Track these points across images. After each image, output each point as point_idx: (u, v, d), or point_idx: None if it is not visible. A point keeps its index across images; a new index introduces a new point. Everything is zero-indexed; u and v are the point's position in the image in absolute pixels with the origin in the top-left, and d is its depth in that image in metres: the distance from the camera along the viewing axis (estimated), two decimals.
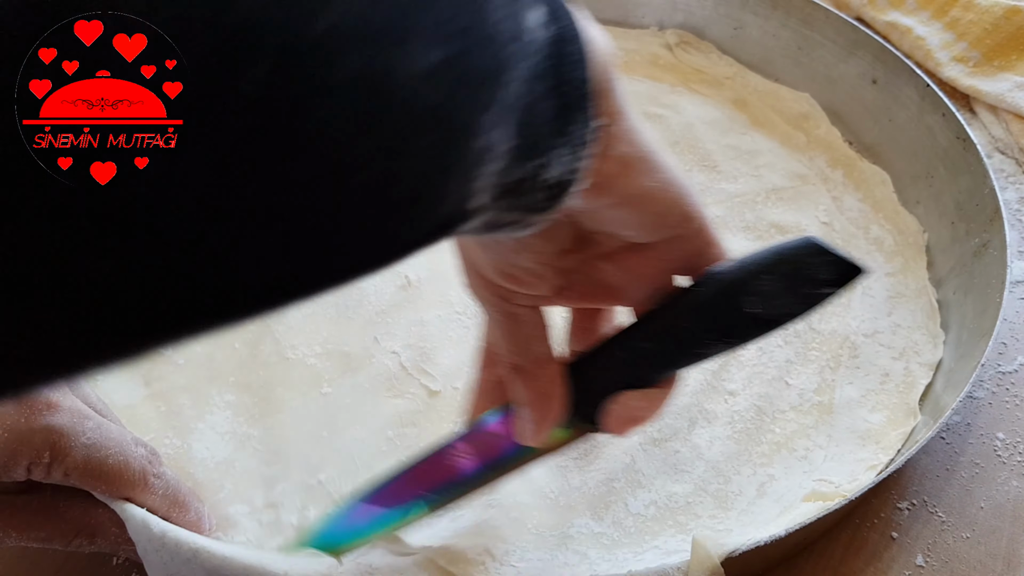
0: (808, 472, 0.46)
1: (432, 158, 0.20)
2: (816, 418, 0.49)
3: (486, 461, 0.37)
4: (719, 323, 0.32)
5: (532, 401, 0.34)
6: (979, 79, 0.70)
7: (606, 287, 0.34)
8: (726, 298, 0.31)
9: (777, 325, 0.31)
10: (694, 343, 0.32)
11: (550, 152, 0.24)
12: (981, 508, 0.46)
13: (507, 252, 0.31)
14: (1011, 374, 0.52)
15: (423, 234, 0.22)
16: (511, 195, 0.24)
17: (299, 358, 0.50)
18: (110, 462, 0.36)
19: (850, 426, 0.48)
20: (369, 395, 0.49)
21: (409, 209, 0.21)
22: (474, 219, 0.24)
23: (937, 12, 0.74)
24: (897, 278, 0.56)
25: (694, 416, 0.48)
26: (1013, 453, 0.48)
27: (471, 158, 0.21)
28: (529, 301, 0.33)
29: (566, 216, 0.29)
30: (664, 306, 0.33)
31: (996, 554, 0.44)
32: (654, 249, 0.32)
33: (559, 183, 0.25)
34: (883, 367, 0.51)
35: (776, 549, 0.39)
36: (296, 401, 0.49)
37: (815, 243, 0.30)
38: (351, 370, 0.50)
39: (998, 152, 0.67)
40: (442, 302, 0.53)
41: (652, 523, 0.44)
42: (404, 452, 0.46)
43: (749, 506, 0.45)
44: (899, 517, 0.46)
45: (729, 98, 0.69)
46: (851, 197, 0.61)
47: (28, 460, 0.34)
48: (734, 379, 0.50)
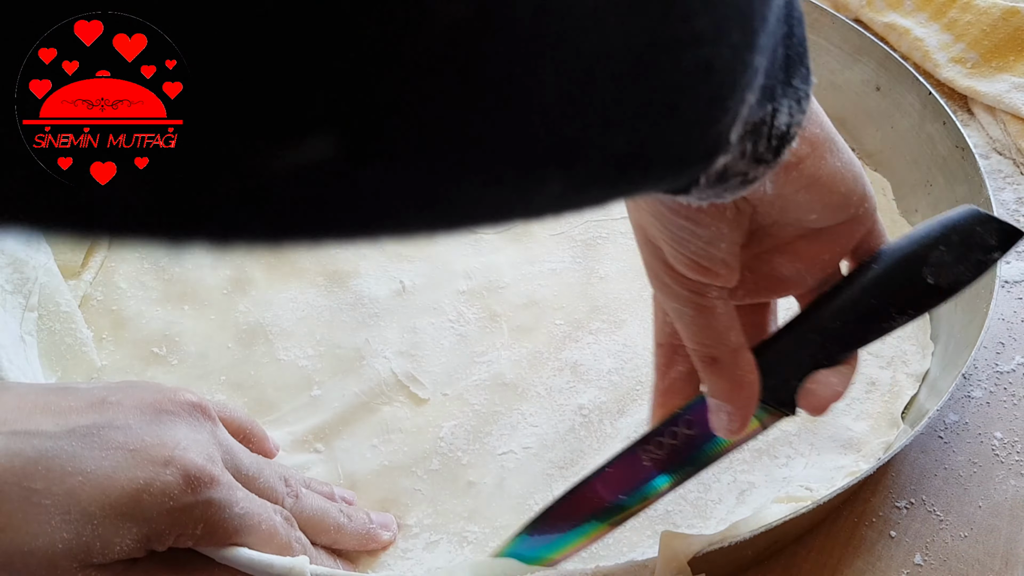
0: (788, 479, 0.46)
1: (731, 59, 0.20)
2: (799, 425, 0.49)
3: (678, 461, 0.37)
4: (903, 296, 0.34)
5: (730, 391, 0.35)
6: (977, 80, 0.70)
7: (777, 279, 0.35)
8: (907, 272, 0.33)
9: (953, 292, 0.33)
10: (879, 318, 0.34)
11: (781, 99, 0.25)
12: (979, 507, 0.46)
13: (702, 243, 0.32)
14: (1008, 373, 0.52)
15: (701, 151, 0.22)
16: (750, 136, 0.25)
17: (291, 359, 0.51)
18: (262, 527, 0.37)
19: (833, 434, 0.48)
20: (358, 400, 0.49)
21: (713, 106, 0.21)
22: (727, 154, 0.24)
23: (935, 13, 0.74)
24: None
25: None
26: (1011, 452, 0.49)
27: (748, 77, 0.22)
28: (721, 293, 0.33)
29: (749, 205, 0.31)
30: (840, 287, 0.35)
31: (994, 552, 0.44)
32: (830, 233, 0.34)
33: (783, 135, 0.26)
34: (870, 376, 0.51)
35: (745, 550, 0.39)
36: (285, 403, 0.49)
37: (979, 212, 0.33)
38: (341, 372, 0.50)
39: (995, 153, 0.67)
40: (435, 309, 0.54)
41: (630, 533, 0.44)
42: (388, 458, 0.47)
43: (728, 515, 0.45)
44: (897, 516, 0.46)
45: None
46: None
47: (181, 531, 0.35)
48: None
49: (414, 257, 0.56)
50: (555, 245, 0.58)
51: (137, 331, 0.52)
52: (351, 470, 0.46)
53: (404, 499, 0.45)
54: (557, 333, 0.53)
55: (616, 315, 0.53)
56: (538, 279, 0.55)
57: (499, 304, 0.54)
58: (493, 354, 0.51)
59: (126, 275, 0.55)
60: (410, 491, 0.45)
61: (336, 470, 0.46)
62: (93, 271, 0.55)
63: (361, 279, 0.55)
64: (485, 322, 0.53)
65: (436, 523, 0.44)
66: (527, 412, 0.49)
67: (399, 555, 0.43)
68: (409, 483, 0.46)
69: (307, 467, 0.46)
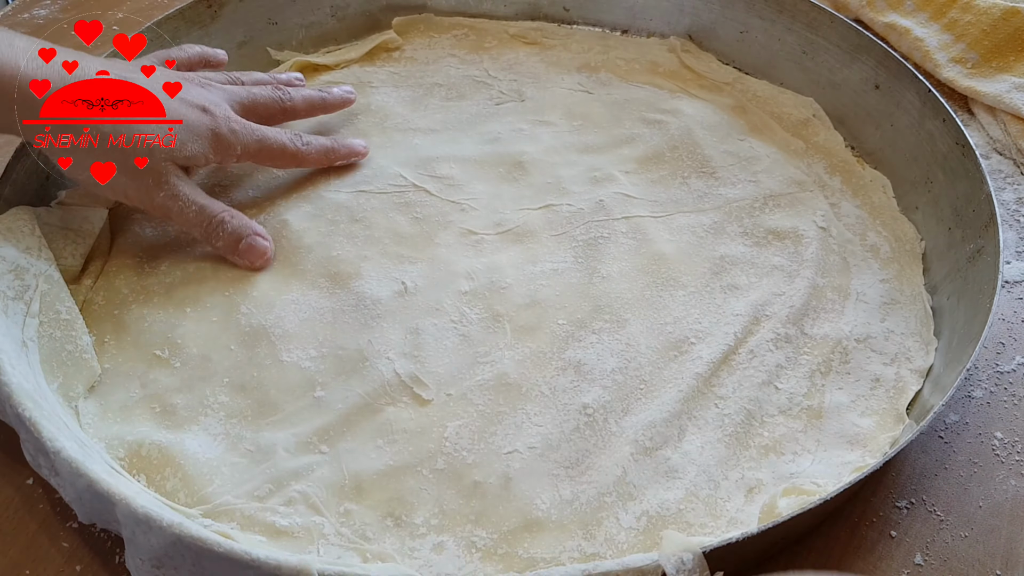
0: (795, 475, 0.46)
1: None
2: (805, 422, 0.49)
3: None
4: None
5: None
6: (977, 80, 0.70)
7: None
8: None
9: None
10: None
11: None
12: (979, 507, 0.46)
13: None
14: (1009, 373, 0.52)
15: None
16: None
17: (294, 361, 0.51)
18: (274, 146, 0.58)
19: (839, 431, 0.48)
20: (362, 401, 0.49)
21: None
22: None
23: (935, 13, 0.74)
24: (892, 284, 0.56)
25: (684, 424, 0.48)
26: (1011, 452, 0.49)
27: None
28: None
29: None
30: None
31: (994, 553, 0.44)
32: None
33: None
34: (874, 372, 0.51)
35: (747, 549, 0.39)
36: (289, 405, 0.49)
37: None
38: (344, 374, 0.50)
39: (996, 153, 0.67)
40: (437, 310, 0.54)
41: (643, 536, 0.44)
42: (393, 458, 0.47)
43: (738, 513, 0.45)
44: (898, 516, 0.46)
45: (729, 104, 0.69)
46: (849, 203, 0.61)
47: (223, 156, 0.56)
48: (724, 384, 0.50)
49: (416, 258, 0.57)
50: (557, 245, 0.58)
51: (139, 334, 0.52)
52: (356, 470, 0.46)
53: (410, 498, 0.45)
54: (560, 333, 0.53)
55: (619, 314, 0.53)
56: (540, 279, 0.55)
57: (501, 304, 0.54)
58: (496, 354, 0.51)
59: (127, 279, 0.55)
60: (416, 490, 0.45)
61: (341, 471, 0.46)
62: (93, 276, 0.55)
63: (363, 280, 0.55)
64: (488, 322, 0.53)
65: (443, 524, 0.44)
66: (531, 412, 0.49)
67: (406, 553, 0.43)
68: (415, 483, 0.46)
69: (311, 468, 0.46)
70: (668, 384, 0.50)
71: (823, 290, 0.55)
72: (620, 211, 0.60)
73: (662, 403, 0.49)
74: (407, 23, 0.76)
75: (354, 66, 0.73)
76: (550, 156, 0.64)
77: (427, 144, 0.65)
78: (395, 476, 0.46)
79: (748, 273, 0.56)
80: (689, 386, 0.50)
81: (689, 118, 0.67)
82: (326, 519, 0.44)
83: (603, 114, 0.68)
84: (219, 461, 0.46)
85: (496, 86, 0.71)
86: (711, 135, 0.65)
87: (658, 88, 0.70)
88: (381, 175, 0.62)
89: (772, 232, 0.59)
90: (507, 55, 0.74)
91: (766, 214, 0.60)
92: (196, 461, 0.46)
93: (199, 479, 0.45)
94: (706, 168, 0.63)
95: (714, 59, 0.73)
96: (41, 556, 0.44)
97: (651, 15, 0.75)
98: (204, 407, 0.49)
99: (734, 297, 0.55)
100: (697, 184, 0.62)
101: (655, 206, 0.60)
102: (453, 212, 0.60)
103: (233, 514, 0.44)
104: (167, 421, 0.48)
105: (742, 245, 0.58)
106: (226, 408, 0.49)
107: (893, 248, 0.58)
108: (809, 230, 0.59)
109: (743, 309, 0.54)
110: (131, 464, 0.46)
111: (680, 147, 0.64)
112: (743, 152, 0.64)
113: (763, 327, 0.53)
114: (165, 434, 0.47)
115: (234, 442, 0.47)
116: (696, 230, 0.59)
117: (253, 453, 0.47)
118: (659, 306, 0.54)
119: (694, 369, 0.50)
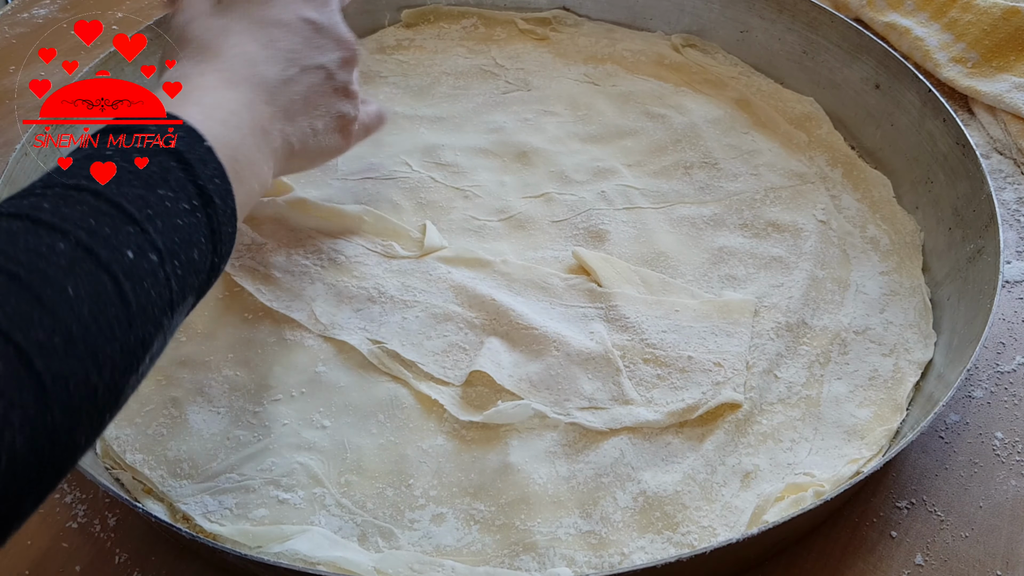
0: (792, 465, 0.46)
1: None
2: (803, 411, 0.49)
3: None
4: None
5: None
6: (977, 80, 0.70)
7: None
8: None
9: None
10: None
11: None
12: (980, 507, 0.46)
13: None
14: (1009, 374, 0.52)
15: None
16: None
17: (297, 340, 0.52)
18: None
19: (837, 420, 0.49)
20: (362, 377, 0.50)
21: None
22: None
23: (936, 13, 0.74)
24: (891, 276, 0.56)
25: None
26: (1011, 452, 0.49)
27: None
28: None
29: None
30: None
31: (995, 553, 0.44)
32: None
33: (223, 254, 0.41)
34: (872, 363, 0.51)
35: (747, 550, 0.39)
36: (291, 379, 0.50)
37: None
38: (345, 351, 0.51)
39: (996, 153, 0.67)
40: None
41: (639, 515, 0.44)
42: (393, 433, 0.47)
43: (732, 498, 0.45)
44: (898, 516, 0.46)
45: (732, 98, 0.69)
46: (849, 197, 0.62)
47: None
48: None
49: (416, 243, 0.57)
50: (558, 233, 0.58)
51: None
52: (357, 444, 0.47)
53: (410, 470, 0.46)
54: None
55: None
56: (540, 266, 0.56)
57: None
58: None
59: None
60: (415, 463, 0.46)
61: (342, 444, 0.47)
62: None
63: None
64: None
65: (441, 495, 0.45)
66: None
67: (406, 525, 0.44)
68: (415, 456, 0.46)
69: (313, 443, 0.47)
70: None
71: (822, 282, 0.56)
72: (621, 202, 0.60)
73: None
74: (416, 14, 0.76)
75: (363, 55, 0.73)
76: (554, 146, 0.65)
77: (433, 132, 0.66)
78: (395, 450, 0.47)
79: (747, 264, 0.57)
80: None
81: (693, 113, 0.67)
82: (327, 490, 0.45)
83: (608, 106, 0.68)
84: (222, 435, 0.47)
85: (503, 75, 0.71)
86: (714, 128, 0.66)
87: (663, 81, 0.71)
88: (387, 162, 0.63)
89: (771, 224, 0.59)
90: (515, 44, 0.74)
91: (767, 207, 0.60)
92: (200, 437, 0.47)
93: (203, 454, 0.46)
94: (708, 160, 0.63)
95: (720, 49, 0.73)
96: (41, 556, 0.44)
97: (651, 14, 0.75)
98: (208, 381, 0.50)
99: (732, 288, 0.55)
100: (699, 176, 0.62)
101: (656, 197, 0.61)
102: (457, 199, 0.61)
103: (236, 488, 0.45)
104: (172, 393, 0.49)
105: (741, 237, 0.59)
106: (230, 382, 0.50)
107: (893, 240, 0.58)
108: (808, 223, 0.59)
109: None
110: (135, 439, 0.47)
111: (683, 140, 0.65)
112: (745, 145, 0.65)
113: (762, 317, 0.53)
114: (169, 410, 0.48)
115: (237, 415, 0.48)
116: (696, 222, 0.59)
117: (255, 426, 0.48)
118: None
119: None
